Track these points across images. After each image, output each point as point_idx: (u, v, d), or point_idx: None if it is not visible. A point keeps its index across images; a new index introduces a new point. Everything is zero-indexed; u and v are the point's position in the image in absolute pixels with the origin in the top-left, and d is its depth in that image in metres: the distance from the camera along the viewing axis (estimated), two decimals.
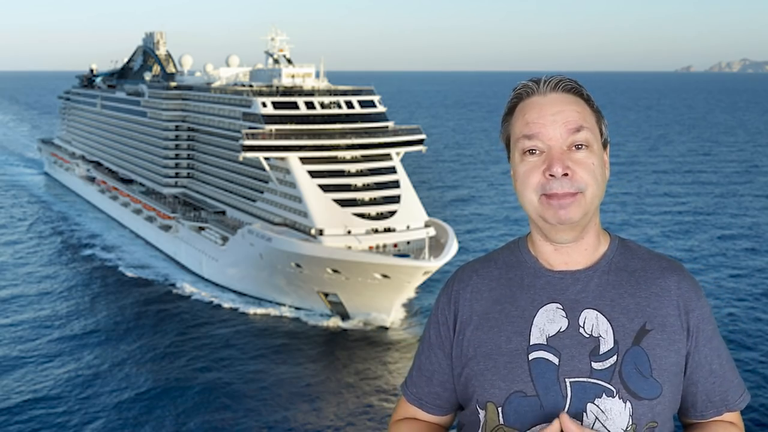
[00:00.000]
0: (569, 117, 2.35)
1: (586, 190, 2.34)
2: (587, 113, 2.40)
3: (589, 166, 2.34)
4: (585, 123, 2.37)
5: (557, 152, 2.33)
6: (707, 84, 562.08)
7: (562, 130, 2.34)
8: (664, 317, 2.41)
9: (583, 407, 2.32)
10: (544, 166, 2.34)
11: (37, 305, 49.18)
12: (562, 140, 2.34)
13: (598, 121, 2.45)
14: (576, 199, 2.33)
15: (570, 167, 2.32)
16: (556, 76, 2.44)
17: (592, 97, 2.47)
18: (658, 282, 2.45)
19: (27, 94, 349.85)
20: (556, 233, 2.41)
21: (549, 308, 2.42)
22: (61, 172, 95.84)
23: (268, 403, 35.18)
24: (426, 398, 2.68)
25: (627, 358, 2.35)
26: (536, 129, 2.36)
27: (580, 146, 2.34)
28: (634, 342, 2.36)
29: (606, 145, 2.49)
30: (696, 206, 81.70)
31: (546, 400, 2.34)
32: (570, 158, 2.33)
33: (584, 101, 2.43)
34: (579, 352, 2.36)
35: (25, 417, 34.03)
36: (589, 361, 2.35)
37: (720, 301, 48.78)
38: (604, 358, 2.35)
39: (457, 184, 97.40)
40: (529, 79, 2.48)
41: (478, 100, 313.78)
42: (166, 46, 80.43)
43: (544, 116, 2.36)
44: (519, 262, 2.53)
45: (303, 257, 46.59)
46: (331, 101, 54.25)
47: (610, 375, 2.33)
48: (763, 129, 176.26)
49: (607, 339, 2.36)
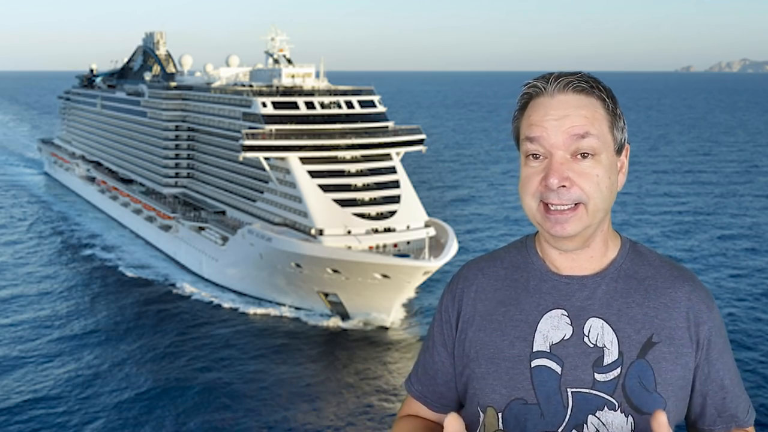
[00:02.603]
0: (574, 122, 2.21)
1: (588, 202, 2.22)
2: (598, 117, 2.24)
3: (593, 178, 2.21)
4: (592, 129, 2.21)
5: (557, 161, 2.21)
6: (707, 84, 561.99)
7: (565, 137, 2.21)
8: (672, 329, 2.33)
9: (583, 419, 2.28)
10: (543, 174, 2.23)
11: (37, 305, 49.18)
12: (565, 147, 2.21)
13: (612, 125, 2.28)
14: (576, 212, 2.22)
15: (570, 178, 2.20)
16: (567, 76, 2.28)
17: (610, 96, 2.30)
18: (668, 292, 2.36)
19: (27, 94, 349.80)
20: (557, 242, 2.34)
21: (554, 314, 2.34)
22: (61, 172, 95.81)
23: (268, 403, 35.18)
24: (430, 396, 2.64)
25: (631, 371, 2.28)
26: (538, 132, 2.23)
27: (586, 155, 2.22)
28: (639, 355, 2.29)
29: (622, 150, 2.36)
30: (696, 206, 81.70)
31: (547, 410, 2.29)
32: (572, 168, 2.21)
33: (597, 102, 2.26)
34: (582, 362, 2.29)
35: (25, 417, 34.02)
36: (592, 372, 2.29)
37: (720, 301, 48.77)
38: (607, 370, 2.28)
39: (457, 184, 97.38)
40: (540, 75, 2.34)
41: (478, 100, 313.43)
42: (166, 46, 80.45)
43: (548, 120, 2.22)
44: (526, 263, 2.45)
45: (303, 257, 46.59)
46: (331, 101, 54.25)
47: (613, 388, 2.27)
48: (763, 129, 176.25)
49: (611, 350, 2.29)
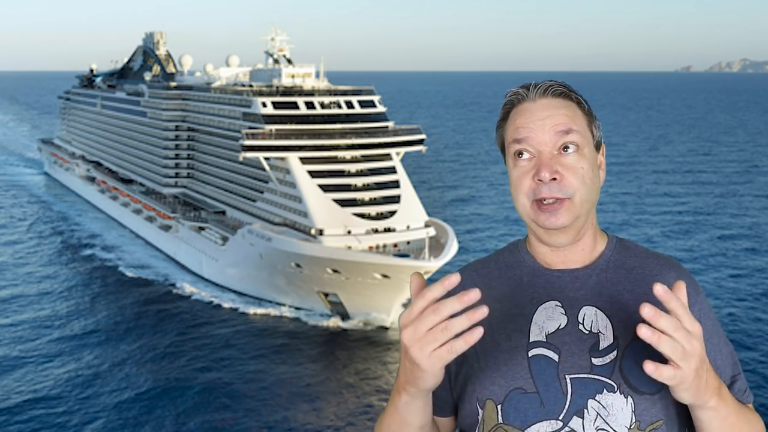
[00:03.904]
0: (558, 120, 2.39)
1: (575, 195, 2.36)
2: (577, 116, 2.43)
3: (578, 171, 2.37)
4: (574, 125, 2.39)
5: (546, 157, 2.37)
6: (707, 84, 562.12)
7: (551, 134, 2.38)
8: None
9: (584, 404, 2.32)
10: (534, 171, 2.38)
11: (37, 305, 49.19)
12: (552, 144, 2.38)
13: (590, 124, 2.47)
14: (564, 205, 2.36)
15: (559, 171, 2.35)
16: (545, 82, 2.47)
17: (584, 99, 2.51)
18: (657, 278, 2.44)
19: (27, 94, 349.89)
20: (550, 237, 2.44)
21: (548, 306, 2.43)
22: (61, 172, 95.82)
23: (268, 403, 35.19)
24: None
25: (627, 352, 2.34)
26: (525, 133, 2.40)
27: (569, 148, 2.38)
28: (633, 337, 2.33)
29: (599, 147, 2.52)
30: (696, 206, 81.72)
31: (546, 397, 2.33)
32: (559, 162, 2.36)
33: (575, 104, 2.46)
34: (579, 349, 2.36)
35: (25, 417, 34.04)
36: (589, 358, 2.35)
37: (720, 301, 48.79)
38: (604, 354, 2.35)
39: (457, 184, 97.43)
40: (519, 85, 2.52)
41: (478, 100, 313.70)
42: (166, 46, 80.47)
43: (534, 121, 2.40)
44: (518, 262, 2.56)
45: (303, 257, 46.59)
46: (331, 101, 54.26)
47: (611, 370, 2.33)
48: (763, 129, 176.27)
49: (606, 335, 2.37)
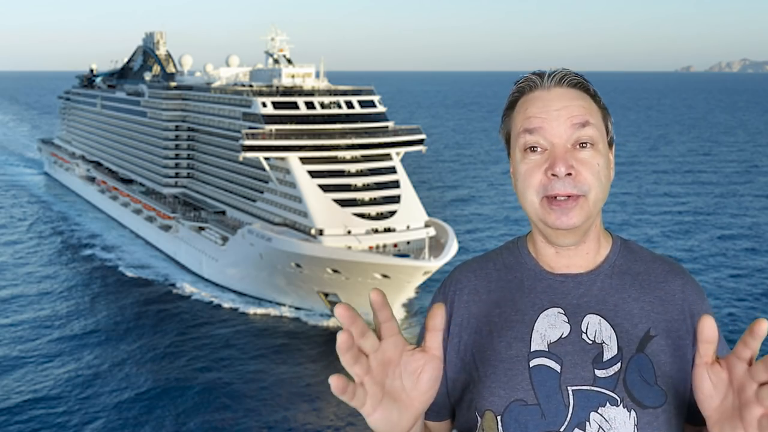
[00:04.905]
0: (574, 112, 2.22)
1: (589, 192, 2.21)
2: (593, 109, 2.27)
3: (594, 167, 2.21)
4: (591, 119, 2.23)
5: (561, 150, 2.20)
6: (707, 84, 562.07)
7: (567, 126, 2.21)
8: (669, 322, 2.31)
9: (586, 416, 2.21)
10: (546, 165, 2.21)
11: (37, 305, 49.18)
12: (567, 137, 2.21)
13: (605, 119, 2.32)
14: (578, 203, 2.21)
15: (574, 167, 2.19)
16: (561, 70, 2.31)
17: (599, 93, 2.34)
18: (662, 286, 2.35)
19: (27, 94, 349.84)
20: (557, 237, 2.30)
21: (550, 313, 2.31)
22: (61, 172, 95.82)
23: (268, 403, 35.19)
24: None
25: (631, 365, 2.24)
26: (538, 123, 2.22)
27: (585, 144, 2.22)
28: (638, 349, 2.25)
29: (611, 144, 2.37)
30: (696, 206, 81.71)
31: (547, 409, 2.23)
32: (574, 157, 2.20)
33: (590, 97, 2.30)
34: (582, 360, 2.25)
35: (25, 417, 34.03)
36: (593, 369, 2.24)
37: (720, 301, 48.79)
38: (607, 366, 2.24)
39: (457, 184, 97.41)
40: (532, 72, 2.35)
41: (478, 100, 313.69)
42: (166, 46, 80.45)
43: (548, 111, 2.22)
44: (519, 264, 2.42)
45: (303, 257, 46.59)
46: (331, 101, 54.26)
47: (614, 383, 2.22)
48: (763, 129, 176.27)
49: (610, 345, 2.25)
